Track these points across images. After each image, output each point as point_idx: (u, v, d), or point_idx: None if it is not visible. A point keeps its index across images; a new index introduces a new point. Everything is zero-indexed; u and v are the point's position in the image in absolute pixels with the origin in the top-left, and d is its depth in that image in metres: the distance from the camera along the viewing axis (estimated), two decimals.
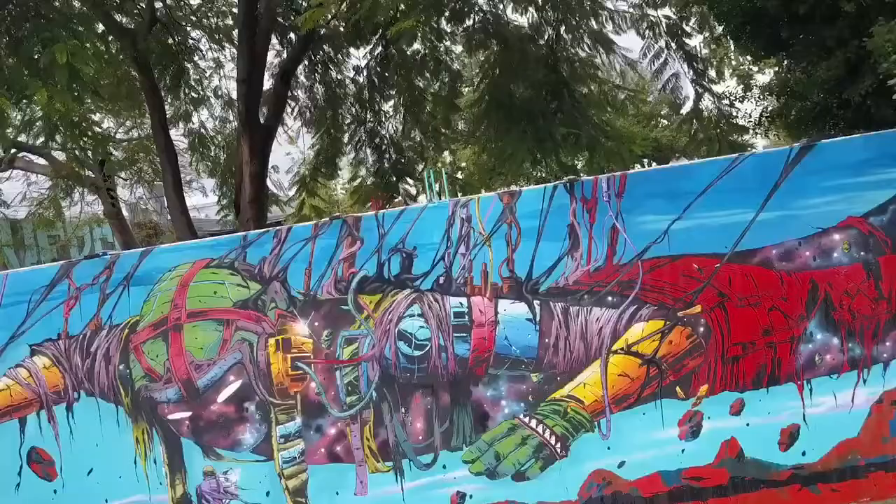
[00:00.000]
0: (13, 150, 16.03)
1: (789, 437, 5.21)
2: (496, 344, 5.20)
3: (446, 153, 12.07)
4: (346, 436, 5.23)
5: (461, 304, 5.21)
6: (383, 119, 10.92)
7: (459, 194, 13.07)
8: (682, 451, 5.20)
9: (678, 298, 5.19)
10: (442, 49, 11.11)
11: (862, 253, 5.21)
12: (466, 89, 11.20)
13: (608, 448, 5.19)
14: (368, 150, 11.13)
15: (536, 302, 5.20)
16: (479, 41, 10.70)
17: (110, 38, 9.15)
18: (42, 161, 16.73)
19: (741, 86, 9.90)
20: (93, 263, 5.24)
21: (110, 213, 16.68)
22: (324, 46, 10.89)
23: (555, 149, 9.91)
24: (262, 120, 9.16)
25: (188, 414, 5.24)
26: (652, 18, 9.27)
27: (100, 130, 15.69)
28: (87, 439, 5.24)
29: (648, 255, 5.17)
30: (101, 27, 8.69)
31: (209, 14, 11.92)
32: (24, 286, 5.26)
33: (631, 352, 5.20)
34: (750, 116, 9.96)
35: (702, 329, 5.19)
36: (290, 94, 11.41)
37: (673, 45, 9.31)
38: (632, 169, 10.83)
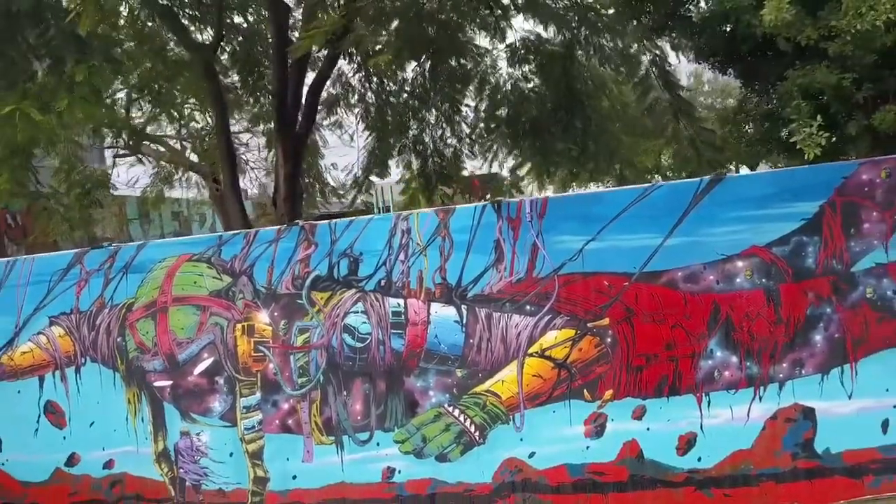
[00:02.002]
0: (135, 139, 17.64)
1: (687, 443, 5.51)
2: (427, 341, 5.73)
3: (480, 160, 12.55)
4: (297, 411, 5.89)
5: (399, 304, 5.77)
6: (427, 127, 11.49)
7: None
8: (587, 447, 5.57)
9: (589, 311, 5.56)
10: (489, 62, 11.60)
11: (764, 280, 5.43)
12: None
13: (521, 439, 5.63)
14: (413, 155, 11.75)
15: (464, 307, 5.68)
16: (521, 57, 11.14)
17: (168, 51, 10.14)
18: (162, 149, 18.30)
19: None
20: (100, 253, 6.11)
21: (213, 195, 18.07)
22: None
23: (556, 162, 10.29)
24: (296, 128, 9.92)
25: (170, 382, 6.02)
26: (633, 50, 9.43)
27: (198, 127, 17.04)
28: (91, 397, 6.10)
29: (564, 270, 5.55)
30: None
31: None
32: (46, 268, 6.17)
33: (544, 356, 5.61)
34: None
35: (609, 340, 5.55)
36: (347, 100, 12.11)
37: (654, 71, 9.44)
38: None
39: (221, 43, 11.23)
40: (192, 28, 11.07)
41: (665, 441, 5.50)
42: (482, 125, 10.97)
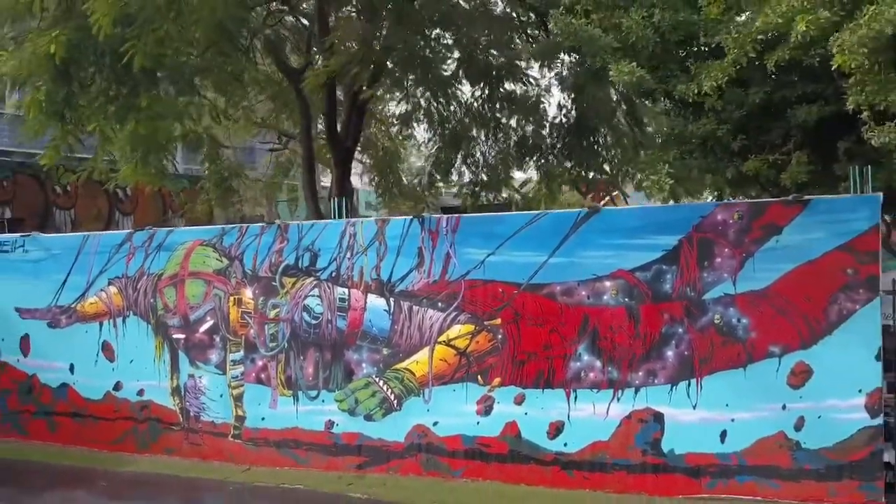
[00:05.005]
0: (286, 139, 19.96)
1: (556, 429, 6.19)
2: (363, 324, 6.79)
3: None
4: (268, 368, 7.16)
5: (344, 293, 6.86)
6: (478, 143, 12.38)
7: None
8: (478, 423, 6.39)
9: (486, 312, 6.38)
10: (541, 88, 12.26)
11: (627, 299, 6.00)
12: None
13: (428, 410, 6.55)
14: (464, 167, 12.71)
15: (392, 299, 6.67)
16: (568, 84, 11.76)
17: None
18: None
19: None
20: (143, 234, 7.69)
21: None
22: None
23: (554, 182, 10.87)
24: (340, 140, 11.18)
25: (183, 336, 7.50)
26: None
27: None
28: (132, 341, 7.70)
29: (469, 277, 6.40)
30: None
31: None
32: (108, 242, 7.84)
33: (450, 344, 6.49)
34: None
35: (500, 336, 6.34)
36: (417, 116, 13.11)
37: (622, 107, 9.62)
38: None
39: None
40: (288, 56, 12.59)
41: (539, 425, 6.22)
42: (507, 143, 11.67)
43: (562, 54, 8.92)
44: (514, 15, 10.67)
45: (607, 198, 18.31)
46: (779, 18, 4.16)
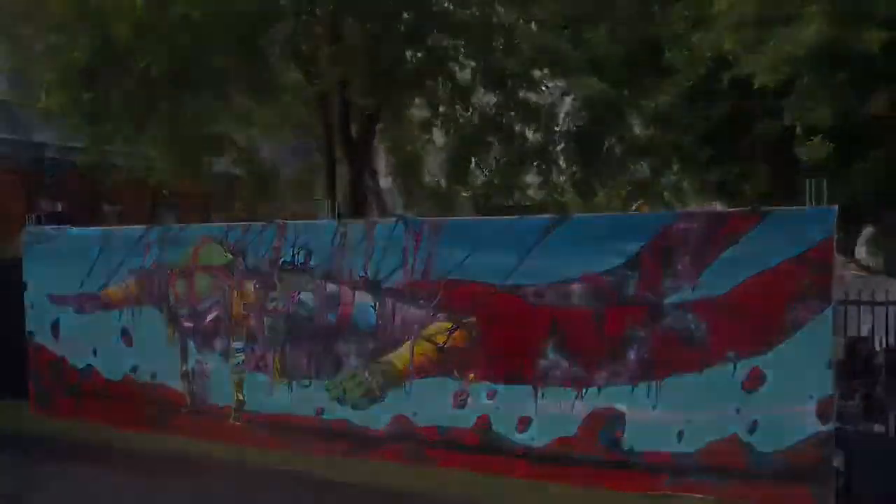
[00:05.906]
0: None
1: (525, 424, 6.43)
2: (352, 318, 7.14)
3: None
4: (266, 357, 7.59)
5: (335, 289, 7.24)
6: (491, 148, 12.61)
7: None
8: (453, 415, 6.67)
9: (463, 310, 6.65)
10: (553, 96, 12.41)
11: (592, 302, 6.20)
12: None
13: (408, 401, 6.86)
14: (478, 171, 12.96)
15: (378, 296, 7.02)
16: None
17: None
18: None
19: None
20: (159, 229, 8.21)
21: (367, 186, 20.45)
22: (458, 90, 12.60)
23: (555, 187, 11.02)
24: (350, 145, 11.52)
25: (192, 325, 7.97)
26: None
27: None
28: (147, 328, 8.20)
29: (449, 277, 6.67)
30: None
31: None
32: (129, 236, 8.37)
33: (430, 340, 6.78)
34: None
35: (475, 334, 6.58)
36: (435, 121, 13.38)
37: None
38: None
39: None
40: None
41: (509, 420, 6.44)
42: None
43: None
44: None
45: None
46: (713, 36, 4.29)
